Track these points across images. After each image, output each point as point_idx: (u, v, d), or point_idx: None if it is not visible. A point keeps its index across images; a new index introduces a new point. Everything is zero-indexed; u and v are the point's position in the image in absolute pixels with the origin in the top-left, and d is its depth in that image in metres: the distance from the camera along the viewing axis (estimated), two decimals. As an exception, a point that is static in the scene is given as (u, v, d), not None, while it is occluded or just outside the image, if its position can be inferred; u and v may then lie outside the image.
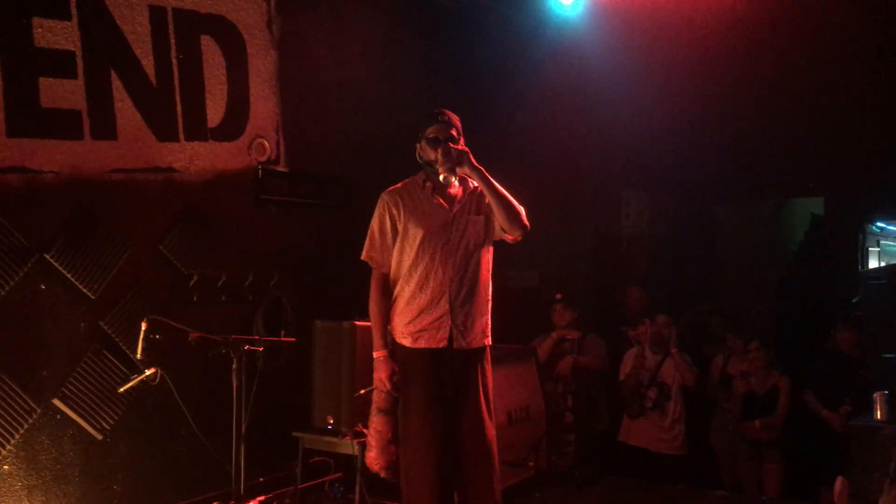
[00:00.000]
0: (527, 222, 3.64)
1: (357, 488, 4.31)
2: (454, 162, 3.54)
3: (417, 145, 3.74)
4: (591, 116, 6.94)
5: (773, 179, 8.08)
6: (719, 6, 6.32)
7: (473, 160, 3.57)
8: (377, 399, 3.72)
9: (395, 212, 3.69)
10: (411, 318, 3.63)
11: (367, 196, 4.03)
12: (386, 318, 3.71)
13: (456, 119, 3.73)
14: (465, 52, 6.48)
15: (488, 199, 3.62)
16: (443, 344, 3.60)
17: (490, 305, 3.76)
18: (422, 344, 3.61)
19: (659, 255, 8.39)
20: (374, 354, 3.69)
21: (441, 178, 3.64)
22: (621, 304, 6.72)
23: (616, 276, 7.71)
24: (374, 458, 3.71)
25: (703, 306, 7.07)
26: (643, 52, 6.72)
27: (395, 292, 3.71)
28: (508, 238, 3.71)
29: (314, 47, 5.54)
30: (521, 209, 3.63)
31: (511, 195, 3.63)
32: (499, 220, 3.62)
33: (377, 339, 3.70)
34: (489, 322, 3.75)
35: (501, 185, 3.63)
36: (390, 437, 3.67)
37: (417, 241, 3.63)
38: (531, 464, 4.97)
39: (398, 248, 3.69)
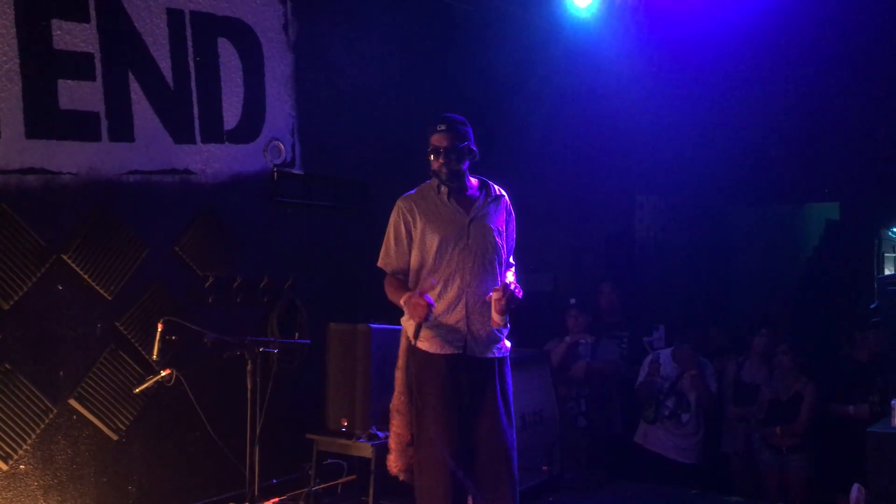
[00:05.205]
0: None
1: (370, 491, 4.31)
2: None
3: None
4: (606, 119, 6.92)
5: (788, 184, 8.02)
6: (735, 10, 6.30)
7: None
8: (394, 401, 3.71)
9: (409, 218, 3.66)
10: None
11: (382, 199, 4.02)
12: (403, 283, 3.67)
13: (460, 124, 3.64)
14: (481, 56, 6.48)
15: None
16: (458, 350, 3.57)
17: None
18: (436, 349, 3.58)
19: (672, 259, 8.36)
20: (401, 300, 3.59)
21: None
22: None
23: (630, 281, 7.68)
24: (393, 461, 3.70)
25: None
26: (658, 56, 6.71)
27: None
28: None
29: (330, 50, 5.56)
30: None
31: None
32: None
33: (401, 290, 3.62)
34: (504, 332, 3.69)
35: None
36: (409, 440, 3.64)
37: (434, 248, 3.59)
38: (544, 468, 4.97)
39: (415, 254, 3.65)
